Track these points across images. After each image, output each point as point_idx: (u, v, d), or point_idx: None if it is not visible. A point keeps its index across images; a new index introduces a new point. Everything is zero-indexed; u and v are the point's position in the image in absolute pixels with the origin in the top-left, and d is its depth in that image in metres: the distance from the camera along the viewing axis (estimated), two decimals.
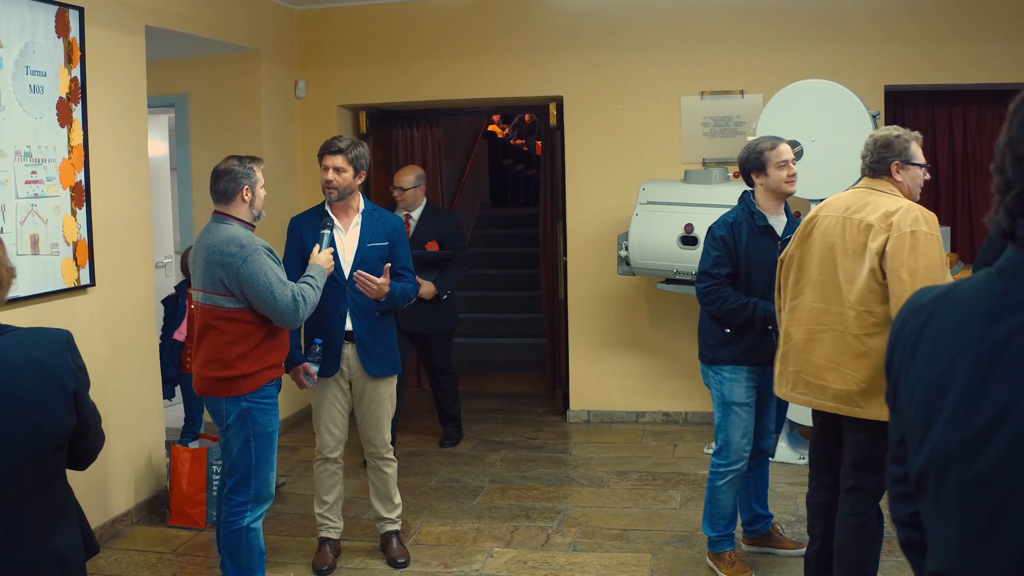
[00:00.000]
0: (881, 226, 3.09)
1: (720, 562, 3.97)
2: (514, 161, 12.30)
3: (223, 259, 3.46)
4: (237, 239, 3.48)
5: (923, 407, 1.27)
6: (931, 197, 7.08)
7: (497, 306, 9.33)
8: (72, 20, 4.28)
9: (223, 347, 3.53)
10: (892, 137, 3.26)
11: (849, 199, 3.28)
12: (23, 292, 3.94)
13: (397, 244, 4.13)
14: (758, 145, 3.87)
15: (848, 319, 3.17)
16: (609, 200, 6.40)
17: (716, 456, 3.96)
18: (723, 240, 3.83)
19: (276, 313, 3.50)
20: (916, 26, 6.01)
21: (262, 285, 3.44)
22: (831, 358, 3.22)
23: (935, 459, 1.23)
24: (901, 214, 3.08)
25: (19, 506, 1.91)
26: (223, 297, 3.51)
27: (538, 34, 6.46)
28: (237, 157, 3.61)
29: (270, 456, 3.63)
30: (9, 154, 3.95)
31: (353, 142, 4.03)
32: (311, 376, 3.98)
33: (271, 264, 3.50)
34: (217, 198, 3.59)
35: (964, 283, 1.29)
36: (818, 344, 3.27)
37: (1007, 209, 1.21)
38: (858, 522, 3.22)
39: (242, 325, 3.53)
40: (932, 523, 1.27)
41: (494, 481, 5.37)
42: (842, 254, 3.20)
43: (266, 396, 3.60)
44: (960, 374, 1.21)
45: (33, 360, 1.93)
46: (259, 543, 3.66)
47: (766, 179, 3.84)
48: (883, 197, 3.20)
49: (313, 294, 3.63)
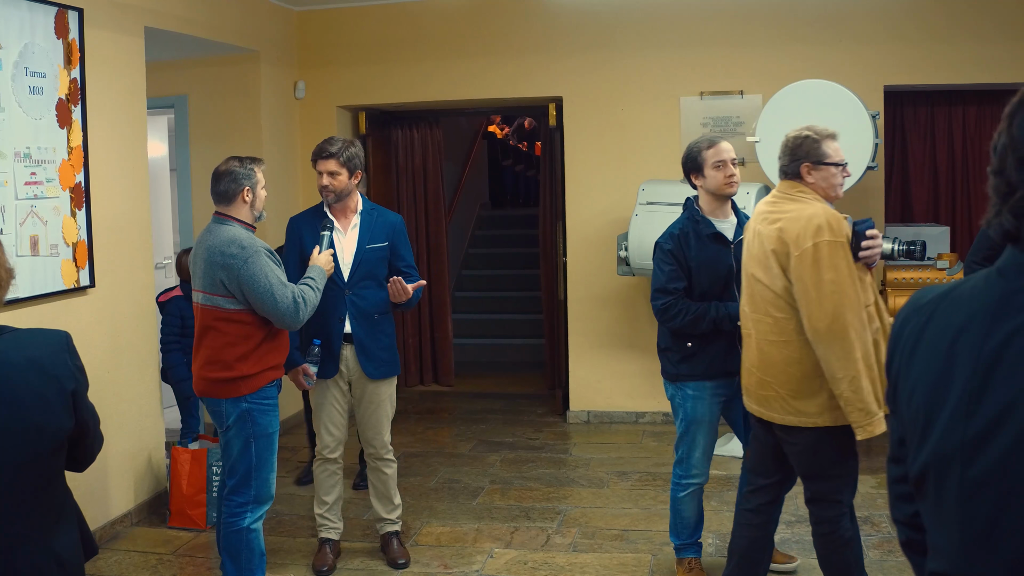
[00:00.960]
0: (783, 239, 3.04)
1: (680, 567, 3.96)
2: (514, 162, 12.31)
3: (224, 260, 3.46)
4: (238, 240, 3.48)
5: (923, 408, 1.26)
6: (931, 197, 7.09)
7: (497, 307, 9.34)
8: (71, 21, 4.29)
9: (223, 348, 3.53)
10: (802, 137, 3.16)
11: (764, 207, 3.23)
12: (23, 293, 3.94)
13: (399, 243, 4.13)
14: (696, 144, 3.72)
15: (765, 326, 3.15)
16: (609, 200, 6.40)
17: (677, 467, 3.90)
18: (672, 253, 3.67)
19: (276, 315, 3.49)
20: (915, 26, 6.01)
21: (263, 287, 3.44)
22: (754, 364, 3.22)
23: (935, 460, 1.23)
24: (803, 225, 3.01)
25: (18, 508, 1.91)
26: (223, 298, 3.50)
27: (537, 35, 6.46)
28: (238, 158, 3.61)
29: (270, 457, 3.63)
30: (9, 155, 3.95)
31: (345, 143, 4.01)
32: (310, 377, 3.98)
33: (272, 266, 3.50)
34: (218, 199, 3.59)
35: (964, 284, 1.29)
36: (747, 350, 3.29)
37: (1012, 211, 1.20)
38: (825, 530, 3.20)
39: (242, 326, 3.52)
40: (932, 524, 1.27)
41: (494, 482, 5.37)
42: (755, 263, 3.18)
43: (266, 397, 3.59)
44: (960, 375, 1.21)
45: (32, 361, 1.92)
46: (259, 544, 3.66)
47: (704, 180, 3.69)
48: (790, 203, 3.12)
49: (313, 296, 3.63)
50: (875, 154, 5.33)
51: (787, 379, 3.11)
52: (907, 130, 7.05)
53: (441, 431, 6.54)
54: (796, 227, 3.03)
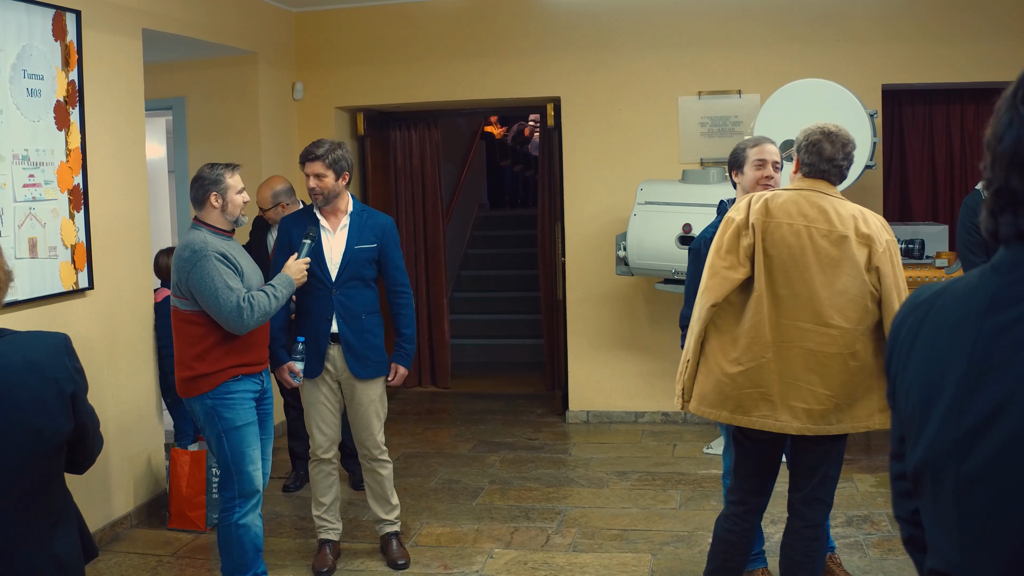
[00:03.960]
0: (867, 233, 2.93)
1: None
2: (512, 162, 12.31)
3: (177, 263, 3.60)
4: (191, 244, 3.58)
5: (919, 405, 1.26)
6: (929, 196, 7.09)
7: (496, 307, 9.34)
8: (69, 23, 4.28)
9: (184, 348, 3.66)
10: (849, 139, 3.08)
11: (796, 205, 2.99)
12: (21, 296, 3.94)
13: (388, 245, 4.12)
14: (744, 142, 3.66)
15: (821, 335, 2.95)
16: (607, 201, 6.40)
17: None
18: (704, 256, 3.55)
19: (220, 318, 3.56)
20: (913, 25, 6.02)
21: (208, 289, 3.52)
22: (797, 378, 2.98)
23: (931, 457, 1.23)
24: (874, 221, 2.95)
25: (18, 511, 1.91)
26: (179, 300, 3.64)
27: (535, 35, 6.47)
28: (210, 164, 3.72)
29: (246, 450, 3.66)
30: (7, 157, 3.94)
31: (331, 145, 4.01)
32: (296, 374, 4.01)
33: (221, 269, 3.55)
34: (192, 204, 3.72)
35: (959, 281, 1.29)
36: (783, 364, 3.00)
37: (988, 208, 1.21)
38: (814, 534, 3.13)
39: (197, 327, 3.62)
40: (930, 521, 1.27)
41: (494, 482, 5.37)
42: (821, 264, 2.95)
43: (228, 392, 3.64)
44: (954, 372, 1.21)
45: (31, 364, 1.92)
46: (251, 539, 3.69)
47: (741, 177, 3.62)
48: (838, 200, 3.01)
49: (267, 301, 3.64)
50: (873, 153, 5.33)
51: (845, 388, 2.95)
52: (905, 129, 7.06)
53: (440, 432, 6.54)
54: (870, 224, 2.95)
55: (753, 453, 3.21)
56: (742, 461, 3.25)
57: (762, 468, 3.22)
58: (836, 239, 2.93)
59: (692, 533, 4.48)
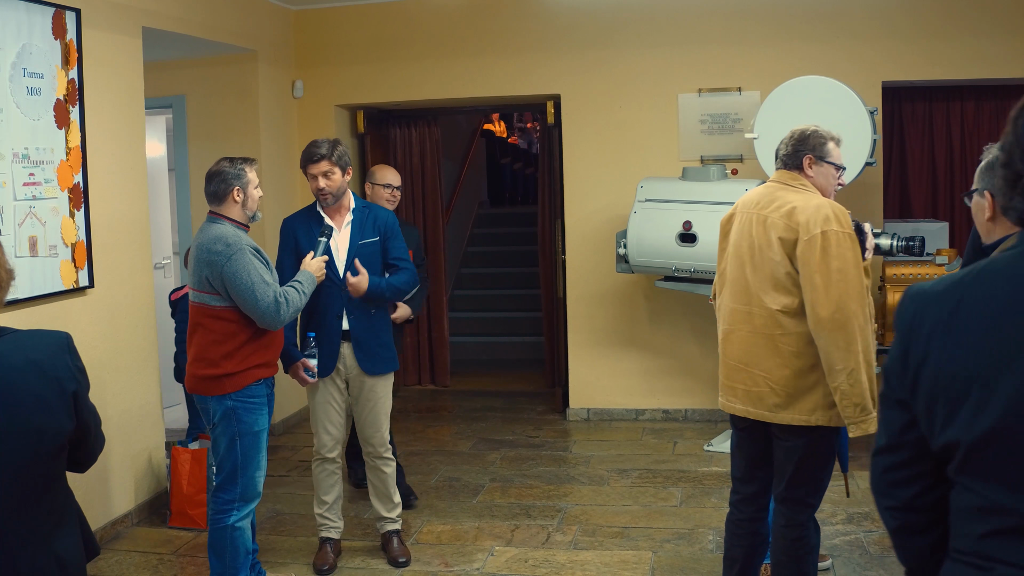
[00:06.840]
0: (791, 225, 3.00)
1: None
2: (512, 160, 12.31)
3: (209, 257, 3.52)
4: (224, 238, 3.52)
5: (977, 382, 1.34)
6: (929, 193, 7.09)
7: (496, 305, 9.34)
8: (69, 22, 4.28)
9: (209, 345, 3.57)
10: (810, 132, 3.17)
11: (759, 195, 3.17)
12: (22, 294, 3.94)
13: (389, 236, 4.13)
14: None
15: (759, 319, 3.09)
16: (607, 198, 6.40)
17: None
18: None
19: (257, 313, 3.52)
20: (913, 22, 6.01)
21: (244, 284, 3.48)
22: (740, 360, 3.14)
23: (1010, 419, 1.31)
24: (811, 212, 2.98)
25: (20, 510, 1.91)
26: (209, 295, 3.56)
27: (535, 33, 6.46)
28: (229, 159, 3.66)
29: (256, 455, 3.64)
30: (7, 156, 3.95)
31: (332, 143, 4.02)
32: (311, 370, 3.98)
33: (256, 263, 3.52)
34: (210, 199, 3.65)
35: (988, 267, 1.38)
36: (728, 346, 3.20)
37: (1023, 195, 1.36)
38: (795, 534, 3.13)
39: (227, 324, 3.56)
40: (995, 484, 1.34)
41: (494, 480, 5.37)
42: (753, 251, 3.11)
43: (252, 395, 3.61)
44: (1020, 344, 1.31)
45: (32, 363, 1.92)
46: (244, 542, 3.67)
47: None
48: (793, 192, 3.10)
49: (298, 298, 3.64)
50: (873, 150, 5.33)
51: (783, 374, 3.05)
52: (905, 126, 7.06)
53: (441, 429, 6.54)
54: (804, 214, 2.99)
55: (736, 439, 3.34)
56: (732, 448, 3.40)
57: (746, 454, 3.30)
58: (770, 224, 3.08)
59: (693, 530, 4.48)
